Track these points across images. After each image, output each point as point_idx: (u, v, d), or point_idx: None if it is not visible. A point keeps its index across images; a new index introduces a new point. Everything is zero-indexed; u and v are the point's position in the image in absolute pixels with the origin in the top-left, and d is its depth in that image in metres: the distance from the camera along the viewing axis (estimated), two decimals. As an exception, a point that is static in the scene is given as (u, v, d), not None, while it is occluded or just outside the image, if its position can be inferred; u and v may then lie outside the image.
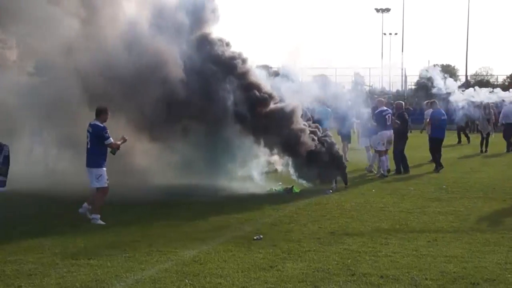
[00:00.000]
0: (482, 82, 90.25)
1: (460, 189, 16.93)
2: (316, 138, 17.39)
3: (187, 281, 8.60)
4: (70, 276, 8.90)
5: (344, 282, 8.50)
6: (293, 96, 17.99)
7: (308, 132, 17.34)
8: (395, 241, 10.82)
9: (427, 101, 23.89)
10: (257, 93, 16.85)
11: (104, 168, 12.79)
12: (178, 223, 12.50)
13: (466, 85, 73.77)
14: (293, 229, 11.86)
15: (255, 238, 11.04)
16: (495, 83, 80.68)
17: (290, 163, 17.58)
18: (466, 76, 76.93)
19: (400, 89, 73.47)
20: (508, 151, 28.49)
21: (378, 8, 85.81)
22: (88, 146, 12.73)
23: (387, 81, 79.74)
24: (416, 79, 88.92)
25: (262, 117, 16.79)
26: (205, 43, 17.11)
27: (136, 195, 14.52)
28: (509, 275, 8.72)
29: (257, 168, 17.88)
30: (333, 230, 11.74)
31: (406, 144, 20.90)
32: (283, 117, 16.93)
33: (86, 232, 11.70)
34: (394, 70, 79.01)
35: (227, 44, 17.51)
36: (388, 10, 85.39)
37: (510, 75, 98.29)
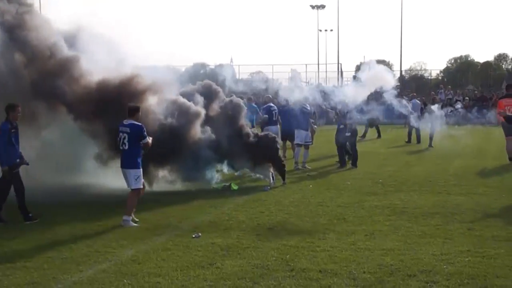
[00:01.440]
0: (416, 77, 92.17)
1: (396, 182, 17.16)
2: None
3: (125, 281, 8.52)
4: (5, 279, 8.75)
5: (283, 277, 8.54)
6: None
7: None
8: (333, 236, 10.91)
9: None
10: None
11: (141, 169, 12.57)
12: (116, 223, 12.34)
13: (401, 80, 75.12)
14: (231, 226, 11.85)
15: (193, 236, 10.99)
16: (429, 77, 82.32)
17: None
18: (401, 71, 78.09)
19: (336, 84, 74.31)
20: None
21: (313, 4, 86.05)
22: (126, 147, 12.35)
23: (323, 77, 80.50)
24: (352, 74, 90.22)
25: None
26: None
27: (66, 195, 14.38)
28: (444, 266, 8.88)
29: None
30: (272, 226, 11.77)
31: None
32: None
33: (22, 234, 11.48)
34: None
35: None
36: (323, 6, 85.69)
37: (443, 70, 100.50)
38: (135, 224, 12.28)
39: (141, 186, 12.62)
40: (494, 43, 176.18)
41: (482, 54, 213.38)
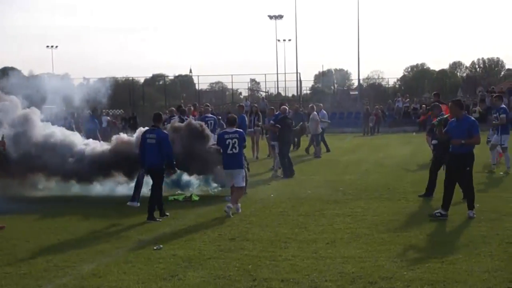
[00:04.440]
0: (374, 85, 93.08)
1: (356, 190, 17.26)
2: None
3: (86, 295, 8.45)
4: (-39, 297, 8.59)
5: (245, 287, 8.54)
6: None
7: None
8: (295, 245, 10.94)
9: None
10: None
11: None
12: (76, 236, 12.24)
13: (359, 88, 75.84)
14: (193, 237, 11.82)
15: (155, 248, 10.94)
16: (387, 85, 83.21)
17: None
18: (359, 79, 78.90)
19: (295, 93, 74.72)
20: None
21: (271, 15, 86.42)
22: (236, 151, 14.41)
23: (282, 87, 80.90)
24: (310, 83, 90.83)
25: None
26: None
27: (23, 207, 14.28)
28: (405, 272, 8.97)
29: None
30: (233, 237, 11.76)
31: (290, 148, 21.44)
32: None
33: (-22, 250, 11.29)
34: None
35: None
36: (281, 17, 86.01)
37: (400, 78, 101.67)
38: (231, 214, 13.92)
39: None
40: (449, 52, 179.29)
41: (438, 63, 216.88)
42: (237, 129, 14.86)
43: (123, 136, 18.16)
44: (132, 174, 16.68)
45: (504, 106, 20.64)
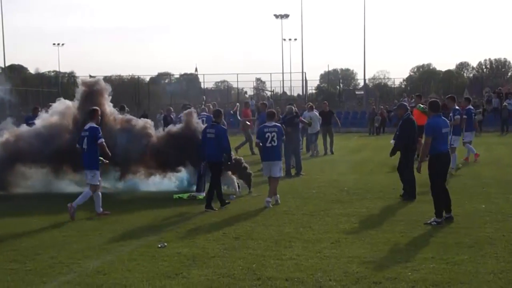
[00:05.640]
0: (380, 85, 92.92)
1: (361, 190, 17.24)
2: None
3: (90, 292, 8.45)
4: (-34, 293, 8.61)
5: (249, 286, 8.55)
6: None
7: None
8: (299, 244, 10.93)
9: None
10: None
11: None
12: (81, 233, 12.26)
13: (365, 88, 75.74)
14: (197, 236, 11.81)
15: (159, 246, 10.94)
16: (393, 86, 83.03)
17: None
18: (364, 79, 78.80)
19: (301, 93, 74.72)
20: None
21: (277, 14, 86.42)
22: (275, 144, 15.27)
23: (288, 86, 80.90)
24: (316, 83, 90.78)
25: None
26: None
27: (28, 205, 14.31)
28: (409, 273, 8.95)
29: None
30: (238, 235, 11.76)
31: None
32: None
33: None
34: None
35: None
36: (287, 16, 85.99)
37: (406, 78, 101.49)
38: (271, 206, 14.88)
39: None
40: (455, 52, 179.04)
41: (444, 63, 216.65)
42: (276, 123, 15.71)
43: (15, 129, 18.14)
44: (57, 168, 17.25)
45: (458, 107, 20.78)
